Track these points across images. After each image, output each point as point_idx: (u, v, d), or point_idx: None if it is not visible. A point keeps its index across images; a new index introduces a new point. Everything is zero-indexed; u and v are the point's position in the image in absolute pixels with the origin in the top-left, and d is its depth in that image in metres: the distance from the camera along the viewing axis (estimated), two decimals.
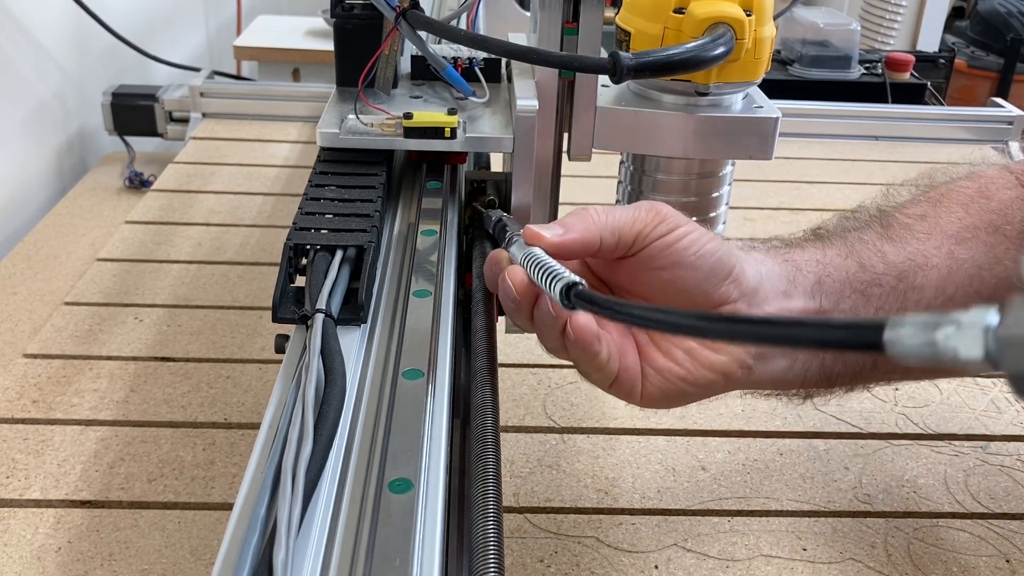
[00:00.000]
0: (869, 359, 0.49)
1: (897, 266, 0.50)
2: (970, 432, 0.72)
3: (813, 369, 0.48)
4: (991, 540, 0.61)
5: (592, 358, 0.44)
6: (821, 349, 0.25)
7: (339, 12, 0.60)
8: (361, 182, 0.53)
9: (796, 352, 0.47)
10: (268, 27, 1.71)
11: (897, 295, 0.49)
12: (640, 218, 0.45)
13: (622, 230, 0.44)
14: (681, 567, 0.58)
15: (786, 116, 0.57)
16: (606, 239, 0.44)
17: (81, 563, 0.57)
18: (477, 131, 0.56)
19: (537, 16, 0.55)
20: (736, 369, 0.46)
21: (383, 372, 0.41)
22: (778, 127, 0.55)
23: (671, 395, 0.46)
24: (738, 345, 0.45)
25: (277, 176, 1.14)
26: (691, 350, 0.46)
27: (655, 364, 0.46)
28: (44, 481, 0.63)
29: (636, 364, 0.46)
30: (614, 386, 0.46)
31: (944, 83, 1.67)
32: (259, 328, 0.82)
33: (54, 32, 1.20)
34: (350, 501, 0.34)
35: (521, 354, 0.79)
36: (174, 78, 1.31)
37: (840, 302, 0.48)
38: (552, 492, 0.64)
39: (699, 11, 0.50)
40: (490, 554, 0.33)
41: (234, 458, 0.66)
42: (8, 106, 1.09)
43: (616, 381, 0.45)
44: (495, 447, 0.39)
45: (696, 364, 0.46)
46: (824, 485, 0.66)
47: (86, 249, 0.96)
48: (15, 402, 0.71)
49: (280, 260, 0.46)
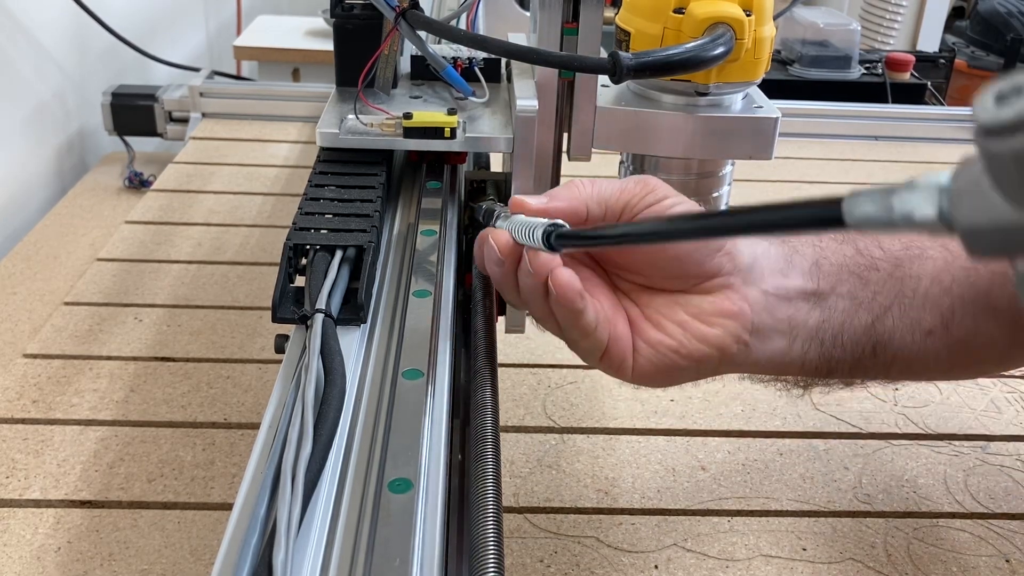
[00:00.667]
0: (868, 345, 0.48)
1: (894, 254, 0.49)
2: (970, 432, 0.72)
3: (812, 352, 0.48)
4: (991, 540, 0.61)
5: (576, 317, 0.43)
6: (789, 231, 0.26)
7: (339, 12, 0.59)
8: (361, 182, 0.53)
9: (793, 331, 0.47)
10: (268, 27, 1.71)
11: (894, 282, 0.49)
12: (628, 189, 0.45)
13: (609, 200, 0.44)
14: (681, 567, 0.58)
15: (786, 116, 0.57)
16: (592, 209, 0.44)
17: (81, 563, 0.57)
18: (477, 131, 0.56)
19: (537, 16, 0.55)
20: (731, 344, 0.45)
21: (383, 372, 0.41)
22: (778, 127, 0.55)
23: (664, 369, 0.45)
24: (712, 239, 0.43)
25: (277, 176, 1.14)
26: (684, 323, 0.45)
27: (647, 337, 0.45)
28: (44, 481, 0.63)
29: (627, 336, 0.45)
30: (604, 359, 0.45)
31: (944, 83, 1.67)
32: (259, 328, 0.82)
33: (54, 32, 1.20)
34: (350, 501, 0.34)
35: (521, 354, 0.79)
36: (174, 78, 1.31)
37: (838, 285, 0.48)
38: (552, 492, 0.64)
39: (699, 11, 0.50)
40: (490, 554, 0.33)
41: (234, 458, 0.66)
42: (8, 106, 1.09)
43: (607, 353, 0.45)
44: (495, 447, 0.39)
45: (689, 336, 0.45)
46: (824, 485, 0.66)
47: (86, 249, 0.96)
48: (15, 402, 0.71)
49: (280, 260, 0.46)
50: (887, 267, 0.49)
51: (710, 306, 0.45)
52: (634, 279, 0.47)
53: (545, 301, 0.43)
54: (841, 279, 0.48)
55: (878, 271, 0.49)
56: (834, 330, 0.48)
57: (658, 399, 0.74)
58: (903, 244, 0.50)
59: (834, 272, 0.48)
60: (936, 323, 0.49)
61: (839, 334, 0.48)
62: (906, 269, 0.49)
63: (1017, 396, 0.77)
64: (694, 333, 0.45)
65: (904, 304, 0.49)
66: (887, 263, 0.49)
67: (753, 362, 0.47)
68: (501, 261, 0.44)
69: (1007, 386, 0.78)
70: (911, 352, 0.49)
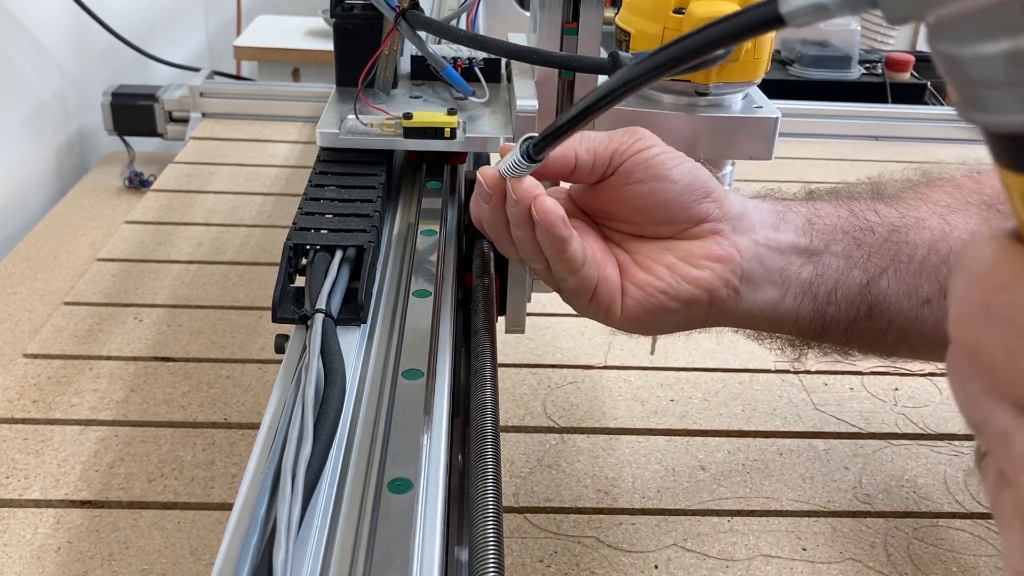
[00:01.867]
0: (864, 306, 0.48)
1: (890, 220, 0.49)
2: (970, 432, 0.72)
3: (805, 306, 0.48)
4: (991, 540, 0.61)
5: (561, 247, 0.43)
6: (734, 39, 0.27)
7: (339, 12, 0.59)
8: (361, 182, 0.53)
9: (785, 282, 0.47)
10: (268, 27, 1.71)
11: (890, 246, 0.48)
12: (616, 138, 0.46)
13: (597, 148, 0.45)
14: (681, 567, 0.58)
15: (786, 116, 0.57)
16: (581, 156, 0.45)
17: (81, 563, 0.57)
18: (477, 131, 0.56)
19: (537, 16, 0.55)
20: (720, 287, 0.46)
21: (383, 372, 0.41)
22: (778, 127, 0.55)
23: (652, 311, 0.46)
24: (671, 71, 0.43)
25: (277, 176, 1.14)
26: (672, 265, 0.46)
27: (636, 280, 0.46)
28: (44, 481, 0.63)
29: (616, 278, 0.46)
30: (593, 300, 0.46)
31: (944, 83, 1.67)
32: (259, 328, 0.82)
33: (54, 32, 1.20)
34: (350, 501, 0.34)
35: (521, 354, 0.79)
36: (174, 78, 1.31)
37: (831, 244, 0.48)
38: (552, 492, 0.64)
39: (699, 11, 0.50)
40: (490, 554, 0.33)
41: (234, 458, 0.66)
42: (8, 106, 1.09)
43: (595, 295, 0.45)
44: (495, 447, 0.39)
45: (677, 278, 0.46)
46: (824, 485, 0.66)
47: (86, 249, 0.96)
48: (15, 402, 0.71)
49: (280, 260, 0.46)
50: (883, 231, 0.49)
51: (699, 250, 0.46)
52: (624, 228, 0.48)
53: (533, 236, 0.44)
54: (835, 238, 0.48)
55: (873, 233, 0.49)
56: (828, 286, 0.48)
57: (658, 399, 0.74)
58: (899, 212, 0.50)
59: (828, 231, 0.48)
60: (934, 292, 0.48)
61: (833, 290, 0.48)
62: (902, 236, 0.49)
63: None
64: (683, 275, 0.46)
65: (900, 269, 0.48)
66: (883, 228, 0.49)
67: (744, 312, 0.47)
68: (488, 195, 0.45)
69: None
70: (908, 319, 0.49)
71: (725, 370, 0.78)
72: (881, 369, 0.79)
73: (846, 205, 0.50)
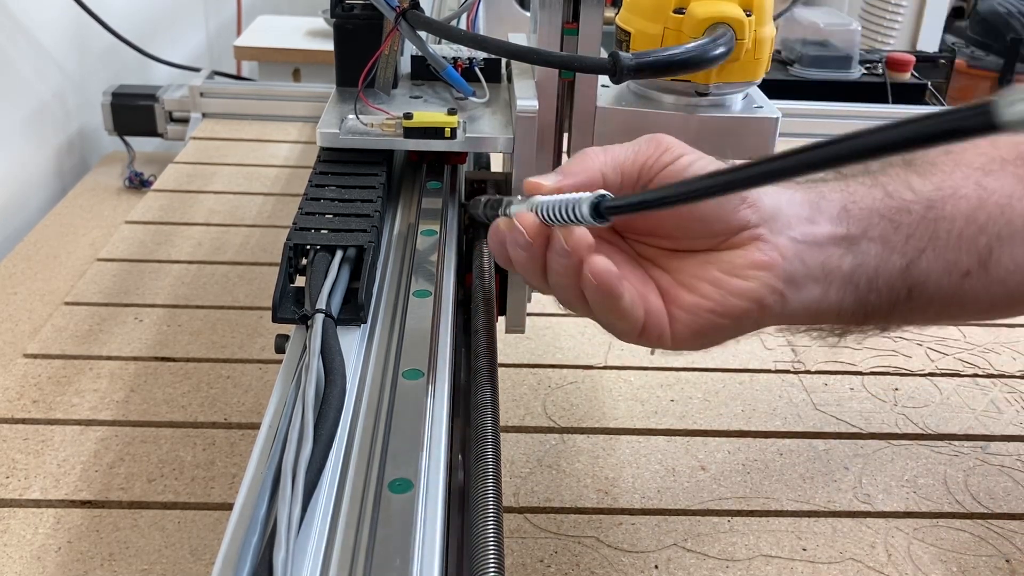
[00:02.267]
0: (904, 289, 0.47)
1: (926, 195, 0.47)
2: (970, 432, 0.72)
3: (848, 298, 0.46)
4: (991, 540, 0.61)
5: (615, 303, 0.41)
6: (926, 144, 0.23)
7: (339, 12, 0.59)
8: (361, 182, 0.53)
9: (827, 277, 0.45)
10: (268, 27, 1.71)
11: (927, 223, 0.47)
12: (642, 150, 0.43)
13: (624, 165, 0.43)
14: (681, 567, 0.58)
15: (786, 116, 0.57)
16: (608, 176, 0.43)
17: (81, 563, 0.57)
18: (477, 131, 0.56)
19: (537, 16, 0.55)
20: (767, 295, 0.43)
21: (383, 372, 0.41)
22: (778, 127, 0.55)
23: (703, 331, 0.44)
24: (793, 178, 0.40)
25: (277, 176, 1.14)
26: (717, 280, 0.44)
27: (681, 303, 0.44)
28: (44, 481, 0.63)
29: (660, 308, 0.44)
30: (643, 336, 0.44)
31: (944, 83, 1.67)
32: (259, 328, 0.82)
33: (54, 32, 1.20)
34: (350, 501, 0.34)
35: (521, 354, 0.79)
36: (174, 78, 1.31)
37: (869, 229, 0.46)
38: (552, 492, 0.64)
39: (699, 11, 0.50)
40: (490, 554, 0.33)
41: (234, 458, 0.66)
42: (8, 106, 1.09)
43: (644, 331, 0.43)
44: (495, 447, 0.39)
45: (724, 293, 0.43)
46: (824, 485, 0.66)
47: (86, 249, 0.96)
48: (15, 402, 0.71)
49: (280, 260, 0.46)
50: (919, 209, 0.47)
51: (741, 260, 0.44)
52: (660, 244, 0.45)
53: (576, 284, 0.42)
54: (872, 223, 0.46)
55: (910, 213, 0.47)
56: (869, 275, 0.46)
57: (658, 399, 0.74)
58: (935, 185, 0.48)
59: (864, 216, 0.46)
60: (973, 263, 0.47)
61: (874, 279, 0.46)
62: (939, 210, 0.47)
63: (1017, 396, 0.77)
64: (729, 289, 0.43)
65: (939, 246, 0.47)
66: (919, 205, 0.47)
67: (791, 313, 0.45)
68: (529, 244, 0.42)
69: (1007, 386, 0.78)
70: (948, 294, 0.47)
71: (725, 370, 0.78)
72: (881, 369, 0.79)
73: (880, 184, 0.48)
